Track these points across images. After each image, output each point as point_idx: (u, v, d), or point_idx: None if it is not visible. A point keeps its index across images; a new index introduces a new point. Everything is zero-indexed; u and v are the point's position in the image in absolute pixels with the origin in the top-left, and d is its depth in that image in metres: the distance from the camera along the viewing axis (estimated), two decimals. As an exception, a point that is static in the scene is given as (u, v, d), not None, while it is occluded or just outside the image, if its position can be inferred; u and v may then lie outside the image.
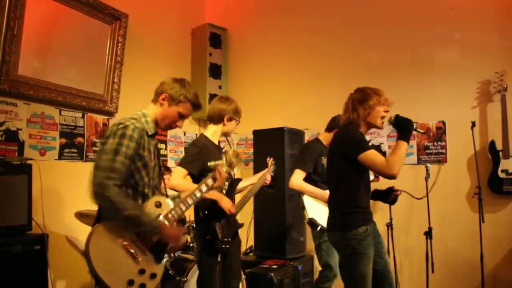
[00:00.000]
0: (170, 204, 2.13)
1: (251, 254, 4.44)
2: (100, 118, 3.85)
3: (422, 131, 2.54)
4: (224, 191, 2.84)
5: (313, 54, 4.95)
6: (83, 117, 3.70)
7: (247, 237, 4.39)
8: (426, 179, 4.01)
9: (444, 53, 4.38)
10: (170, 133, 4.72)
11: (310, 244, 4.63)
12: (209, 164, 2.79)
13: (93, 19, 3.77)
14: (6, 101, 3.12)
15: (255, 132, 4.59)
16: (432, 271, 3.88)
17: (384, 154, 4.53)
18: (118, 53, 3.98)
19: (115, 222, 1.88)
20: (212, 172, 2.34)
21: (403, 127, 2.56)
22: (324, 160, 3.47)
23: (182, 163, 2.79)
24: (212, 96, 5.02)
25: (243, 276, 3.52)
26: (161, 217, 2.03)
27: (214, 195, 2.67)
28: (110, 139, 1.96)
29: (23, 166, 2.86)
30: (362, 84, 2.74)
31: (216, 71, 5.12)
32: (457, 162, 4.26)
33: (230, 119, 2.94)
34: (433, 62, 4.42)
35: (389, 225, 4.14)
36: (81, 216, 2.98)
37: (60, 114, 3.52)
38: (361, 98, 2.61)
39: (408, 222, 4.40)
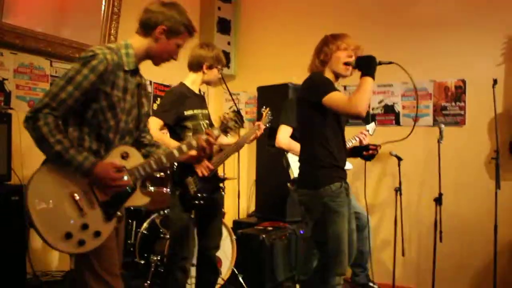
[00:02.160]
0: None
1: (252, 216, 4.32)
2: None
3: (387, 61, 2.30)
4: None
5: (327, 11, 4.61)
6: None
7: (249, 198, 4.27)
8: (438, 141, 3.70)
9: (467, 4, 3.95)
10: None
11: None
12: (186, 113, 2.62)
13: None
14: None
15: (259, 89, 4.37)
16: (440, 240, 3.63)
17: (397, 115, 4.23)
18: (115, 3, 3.82)
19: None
20: (195, 136, 2.12)
21: (365, 65, 2.31)
22: None
23: (157, 113, 2.63)
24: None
25: (234, 237, 3.41)
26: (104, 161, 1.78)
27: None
28: (74, 64, 1.75)
29: (2, 116, 2.80)
30: (375, 42, 2.53)
31: (225, 27, 4.89)
32: (477, 124, 3.90)
33: (210, 67, 2.73)
34: (454, 15, 4.00)
35: (398, 190, 3.88)
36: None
37: (51, 65, 3.43)
38: (320, 45, 2.49)
39: (419, 188, 4.12)
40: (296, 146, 3.18)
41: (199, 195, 2.57)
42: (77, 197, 1.73)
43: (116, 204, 1.83)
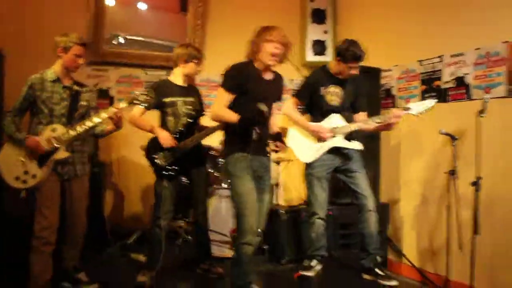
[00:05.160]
0: None
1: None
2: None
3: None
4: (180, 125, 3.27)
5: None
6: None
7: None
8: (478, 115, 3.07)
9: None
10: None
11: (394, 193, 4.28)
12: (164, 100, 3.28)
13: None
14: (98, 68, 4.43)
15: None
16: (475, 232, 3.02)
17: (467, 87, 3.59)
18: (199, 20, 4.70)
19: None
20: (106, 109, 2.88)
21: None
22: (324, 90, 3.29)
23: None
24: (316, 43, 5.07)
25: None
26: (40, 137, 2.78)
27: (151, 127, 3.22)
28: None
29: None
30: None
31: (319, 16, 5.06)
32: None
33: (186, 61, 3.31)
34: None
35: (452, 173, 3.33)
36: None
37: (146, 74, 4.60)
38: (252, 36, 2.77)
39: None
40: (294, 114, 3.39)
41: (167, 167, 3.20)
42: (21, 157, 2.77)
43: (42, 158, 2.79)
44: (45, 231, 2.79)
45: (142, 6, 4.75)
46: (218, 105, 2.73)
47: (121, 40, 4.63)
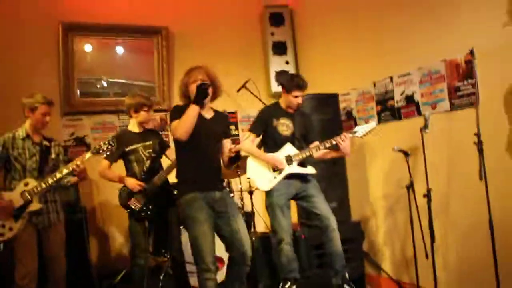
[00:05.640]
0: None
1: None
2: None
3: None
4: (144, 168, 3.49)
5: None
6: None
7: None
8: (421, 131, 3.31)
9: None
10: (241, 113, 5.39)
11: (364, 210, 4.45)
12: (126, 149, 3.50)
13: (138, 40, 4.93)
14: (72, 118, 4.67)
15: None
16: (432, 241, 3.22)
17: (417, 104, 3.84)
18: (164, 64, 4.99)
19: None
20: (72, 162, 3.09)
21: (196, 95, 2.74)
22: (276, 122, 3.52)
23: (106, 156, 3.55)
24: (279, 73, 5.34)
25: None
26: (13, 192, 2.99)
27: (119, 178, 3.45)
28: None
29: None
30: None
31: (280, 48, 5.36)
32: (492, 102, 3.23)
33: (135, 111, 3.55)
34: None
35: (409, 187, 3.54)
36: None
37: (118, 118, 4.84)
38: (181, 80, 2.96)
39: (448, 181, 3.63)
40: (253, 149, 3.56)
41: (144, 208, 3.41)
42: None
43: (17, 212, 2.98)
44: (25, 279, 2.95)
45: (120, 50, 5.04)
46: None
47: (104, 83, 4.91)
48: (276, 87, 5.25)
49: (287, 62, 5.36)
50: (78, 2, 4.73)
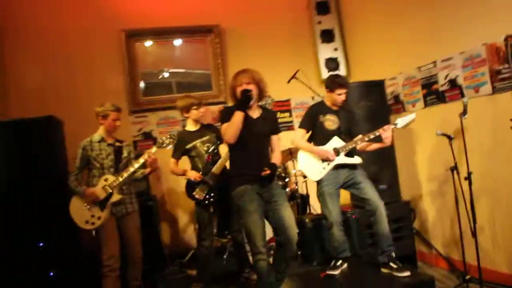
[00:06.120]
0: None
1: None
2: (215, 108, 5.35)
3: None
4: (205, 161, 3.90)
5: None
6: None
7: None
8: (461, 117, 3.45)
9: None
10: (294, 101, 5.68)
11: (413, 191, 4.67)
12: (186, 147, 3.88)
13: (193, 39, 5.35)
14: (139, 115, 5.20)
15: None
16: (474, 222, 3.39)
17: (460, 87, 3.94)
18: (219, 59, 5.38)
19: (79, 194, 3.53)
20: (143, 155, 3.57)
21: (239, 101, 3.06)
22: (322, 118, 3.79)
23: (172, 155, 3.93)
24: (328, 60, 5.55)
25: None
26: (96, 187, 3.49)
27: (183, 172, 3.87)
28: None
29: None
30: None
31: (328, 36, 5.54)
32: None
33: (187, 111, 3.91)
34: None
35: (453, 169, 3.69)
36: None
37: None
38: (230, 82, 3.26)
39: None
40: (302, 144, 3.87)
41: (206, 196, 3.82)
42: (86, 205, 3.49)
43: (102, 203, 3.49)
44: (110, 260, 3.48)
45: (177, 50, 5.54)
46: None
47: (166, 74, 5.42)
48: (326, 74, 5.47)
49: (335, 49, 5.55)
50: (137, 9, 5.22)
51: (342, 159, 3.70)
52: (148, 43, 5.35)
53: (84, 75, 5.04)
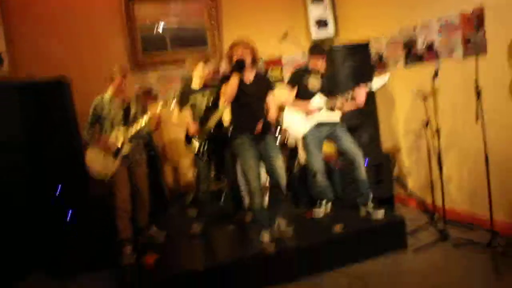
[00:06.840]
0: None
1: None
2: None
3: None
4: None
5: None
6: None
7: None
8: (433, 79, 3.89)
9: None
10: (286, 58, 6.03)
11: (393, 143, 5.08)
12: (189, 98, 4.32)
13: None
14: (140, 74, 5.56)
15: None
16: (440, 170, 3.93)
17: (436, 52, 4.34)
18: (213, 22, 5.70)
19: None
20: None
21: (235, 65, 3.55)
22: (306, 80, 4.22)
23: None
24: (317, 20, 5.88)
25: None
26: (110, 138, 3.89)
27: (185, 125, 4.29)
28: None
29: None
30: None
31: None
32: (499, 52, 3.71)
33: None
34: None
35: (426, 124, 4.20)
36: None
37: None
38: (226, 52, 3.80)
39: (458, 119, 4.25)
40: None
41: (202, 149, 4.24)
42: (101, 155, 3.92)
43: (115, 154, 3.92)
44: (122, 203, 3.97)
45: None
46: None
47: (161, 28, 5.67)
48: (315, 34, 5.82)
49: (325, 9, 5.85)
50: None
51: (323, 114, 4.15)
52: (146, 12, 5.57)
53: (88, 38, 5.31)
